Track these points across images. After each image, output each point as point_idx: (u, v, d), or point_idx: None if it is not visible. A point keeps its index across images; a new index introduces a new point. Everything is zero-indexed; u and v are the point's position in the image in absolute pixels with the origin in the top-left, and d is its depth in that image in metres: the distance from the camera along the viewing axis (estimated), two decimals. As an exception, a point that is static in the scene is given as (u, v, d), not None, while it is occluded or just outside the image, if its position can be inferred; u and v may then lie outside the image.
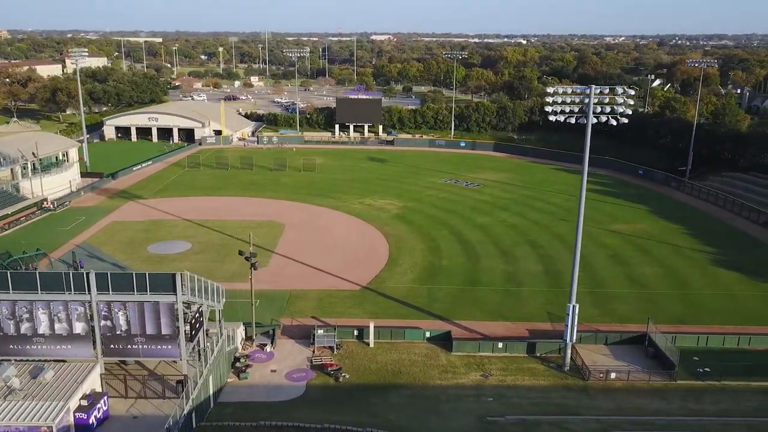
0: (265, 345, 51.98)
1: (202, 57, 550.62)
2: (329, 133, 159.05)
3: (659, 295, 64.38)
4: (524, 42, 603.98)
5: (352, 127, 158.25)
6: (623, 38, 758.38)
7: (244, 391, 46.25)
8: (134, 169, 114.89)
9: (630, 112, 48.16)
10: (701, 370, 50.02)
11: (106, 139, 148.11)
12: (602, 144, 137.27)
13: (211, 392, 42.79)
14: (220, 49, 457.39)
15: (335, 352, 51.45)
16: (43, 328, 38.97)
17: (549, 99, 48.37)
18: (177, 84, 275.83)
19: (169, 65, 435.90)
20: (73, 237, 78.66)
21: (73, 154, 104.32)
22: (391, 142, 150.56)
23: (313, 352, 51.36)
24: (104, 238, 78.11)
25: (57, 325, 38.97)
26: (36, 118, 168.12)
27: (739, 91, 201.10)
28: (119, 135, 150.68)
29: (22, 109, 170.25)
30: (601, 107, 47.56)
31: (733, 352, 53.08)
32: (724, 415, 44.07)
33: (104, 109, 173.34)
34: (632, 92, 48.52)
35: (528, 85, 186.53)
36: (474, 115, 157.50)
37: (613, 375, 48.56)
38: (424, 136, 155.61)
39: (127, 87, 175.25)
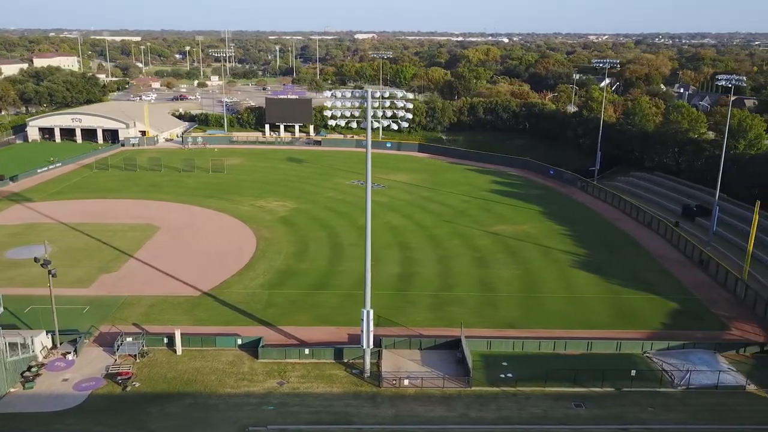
0: (69, 353, 51.23)
1: (177, 56, 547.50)
2: (260, 133, 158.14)
3: (504, 298, 64.15)
4: (506, 41, 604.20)
5: (282, 127, 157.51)
6: (606, 36, 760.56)
7: (24, 401, 45.58)
8: (39, 171, 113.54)
9: (410, 116, 47.21)
10: (503, 375, 49.77)
11: (30, 140, 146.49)
12: (524, 143, 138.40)
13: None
14: (187, 48, 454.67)
15: (138, 360, 50.79)
16: None
17: (328, 103, 47.53)
18: (133, 83, 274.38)
19: (140, 64, 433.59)
20: (-62, 241, 77.56)
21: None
22: (318, 143, 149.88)
23: (115, 360, 50.68)
24: (-33, 243, 77.10)
25: None
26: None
27: (682, 90, 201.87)
28: (45, 136, 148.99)
29: None
30: (383, 111, 46.54)
31: (547, 356, 52.85)
32: (499, 422, 43.84)
33: (41, 109, 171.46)
34: (410, 96, 47.71)
35: (466, 84, 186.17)
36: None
37: (406, 382, 48.23)
38: (355, 137, 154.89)
39: (61, 87, 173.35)
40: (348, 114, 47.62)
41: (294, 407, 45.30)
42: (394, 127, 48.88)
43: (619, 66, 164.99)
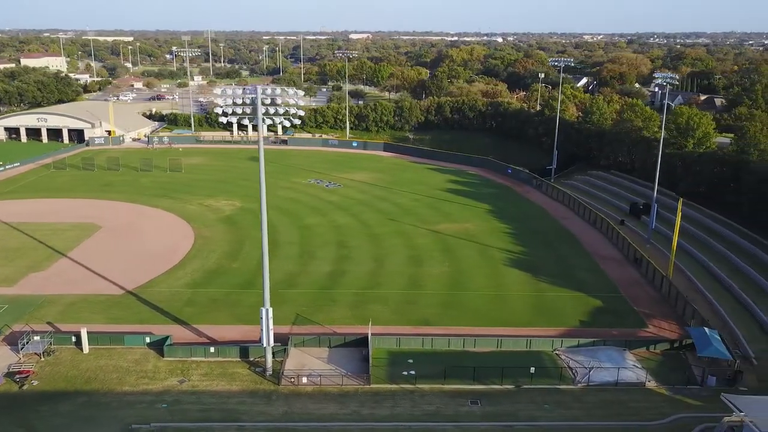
0: (-28, 352, 51.17)
1: (167, 56, 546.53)
2: (228, 133, 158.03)
3: (427, 295, 64.16)
4: (500, 40, 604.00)
5: (250, 126, 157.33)
6: (601, 36, 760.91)
7: None
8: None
9: (303, 113, 47.29)
10: (406, 373, 49.78)
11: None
12: (490, 142, 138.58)
13: None
14: (173, 48, 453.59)
15: (43, 359, 50.76)
16: None
17: (219, 100, 47.56)
18: (115, 83, 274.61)
19: (128, 64, 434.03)
20: None
21: None
22: (285, 142, 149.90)
23: (20, 358, 50.62)
24: None
25: None
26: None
27: (657, 89, 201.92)
28: (12, 136, 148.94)
29: None
30: (275, 108, 46.54)
31: (456, 354, 52.83)
32: (389, 420, 43.83)
33: (11, 109, 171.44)
34: (302, 93, 47.76)
35: (439, 83, 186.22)
36: (372, 115, 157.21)
37: (304, 380, 48.26)
38: (323, 136, 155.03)
39: (32, 87, 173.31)
40: (240, 111, 47.08)
41: (187, 405, 45.29)
42: (287, 123, 48.54)
43: (579, 64, 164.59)
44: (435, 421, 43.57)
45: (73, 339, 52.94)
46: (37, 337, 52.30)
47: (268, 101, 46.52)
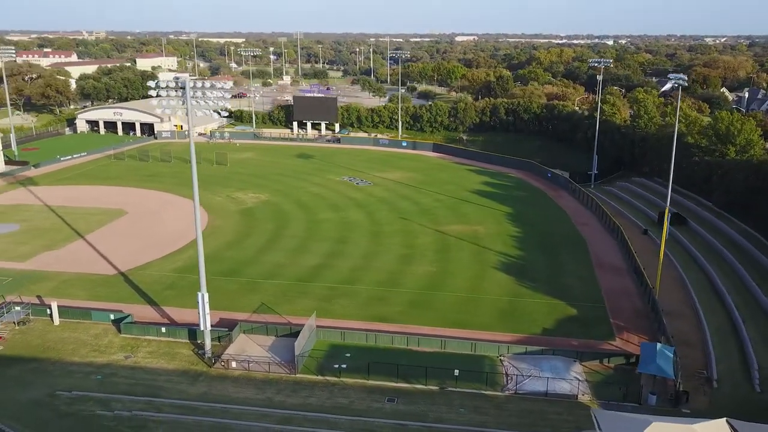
0: (-41, 316, 56.96)
1: (271, 57, 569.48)
2: (288, 130, 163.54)
3: (398, 293, 64.12)
4: (611, 43, 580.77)
5: (309, 124, 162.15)
6: (725, 39, 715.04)
7: None
8: (61, 159, 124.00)
9: (229, 105, 48.89)
10: (337, 366, 50.34)
11: (78, 131, 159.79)
12: (541, 145, 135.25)
13: None
14: (271, 49, 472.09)
15: (17, 327, 55.71)
16: None
17: (152, 92, 50.05)
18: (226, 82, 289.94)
19: (234, 64, 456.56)
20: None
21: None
22: (338, 140, 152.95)
23: (-1, 325, 55.85)
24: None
25: None
26: (42, 112, 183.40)
27: (746, 94, 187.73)
28: (94, 128, 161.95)
29: (34, 104, 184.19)
30: (204, 102, 48.64)
31: (397, 351, 52.75)
32: (297, 408, 44.42)
33: (99, 104, 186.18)
34: (228, 85, 49.44)
35: (504, 85, 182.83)
36: (426, 115, 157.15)
37: (234, 364, 49.99)
38: (379, 136, 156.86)
39: (118, 84, 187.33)
40: (174, 103, 49.49)
41: (119, 378, 48.21)
42: (215, 116, 50.42)
43: (609, 66, 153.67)
44: (339, 414, 43.81)
45: (48, 312, 57.49)
46: (18, 308, 57.34)
47: (199, 93, 48.19)
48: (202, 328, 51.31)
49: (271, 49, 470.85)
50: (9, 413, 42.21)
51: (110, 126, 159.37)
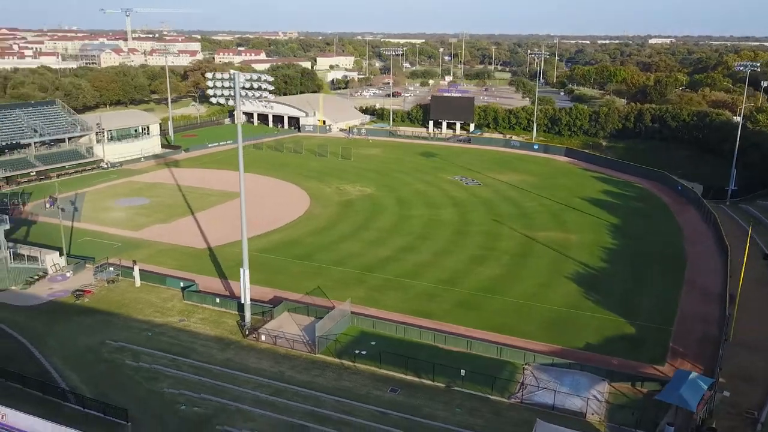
0: (68, 272, 66.82)
1: (446, 58, 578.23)
2: (424, 129, 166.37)
3: (452, 292, 63.79)
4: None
5: (445, 123, 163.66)
6: None
7: (13, 295, 61.60)
8: (209, 145, 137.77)
9: (268, 95, 52.10)
10: (357, 351, 51.86)
11: (235, 122, 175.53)
12: (684, 155, 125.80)
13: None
14: (441, 50, 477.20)
15: (107, 285, 64.23)
16: None
17: (210, 83, 54.47)
18: (372, 79, 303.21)
19: (408, 64, 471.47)
20: (91, 186, 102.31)
21: (154, 128, 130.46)
22: (468, 140, 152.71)
23: (93, 281, 64.77)
24: (104, 191, 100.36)
25: None
26: (214, 104, 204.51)
27: None
28: (249, 120, 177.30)
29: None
30: (246, 92, 52.33)
31: (422, 346, 53.02)
32: (303, 386, 46.16)
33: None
34: (270, 78, 52.39)
35: (661, 90, 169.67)
36: (565, 119, 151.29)
37: (263, 337, 53.49)
38: (513, 137, 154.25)
39: (278, 80, 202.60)
40: (226, 93, 53.73)
41: (165, 337, 53.80)
42: (260, 104, 53.53)
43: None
44: (334, 395, 45.21)
45: (134, 274, 65.38)
46: (111, 268, 65.97)
47: (247, 85, 51.99)
48: (242, 302, 55.34)
49: (441, 50, 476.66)
50: (62, 353, 49.20)
51: (263, 118, 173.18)
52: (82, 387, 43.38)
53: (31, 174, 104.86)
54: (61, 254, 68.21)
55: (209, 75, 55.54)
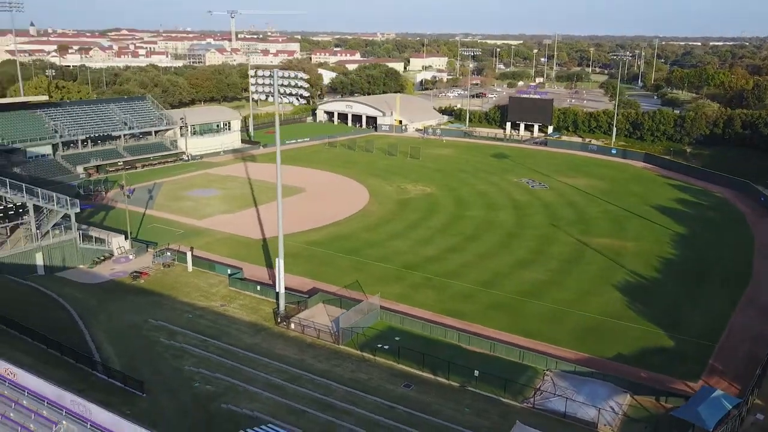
0: (131, 254, 72.00)
1: (542, 60, 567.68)
2: (501, 130, 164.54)
3: (490, 294, 63.41)
4: None
5: (522, 125, 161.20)
6: None
7: (80, 273, 67.24)
8: (287, 142, 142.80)
9: (306, 93, 53.81)
10: (380, 346, 52.98)
11: (317, 120, 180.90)
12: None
13: (40, 262, 65.11)
14: (535, 51, 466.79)
15: (163, 268, 68.73)
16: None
17: (252, 80, 56.89)
18: (460, 79, 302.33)
19: (503, 66, 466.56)
20: (170, 177, 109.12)
21: (235, 124, 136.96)
22: (544, 143, 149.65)
23: (151, 264, 69.51)
24: (179, 181, 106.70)
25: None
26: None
27: None
28: (331, 119, 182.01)
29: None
30: (284, 89, 54.40)
31: (445, 345, 53.39)
32: (318, 374, 47.50)
33: (346, 97, 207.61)
34: (305, 76, 53.98)
35: (761, 94, 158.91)
36: (648, 123, 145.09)
37: (292, 326, 55.62)
38: (593, 141, 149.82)
39: (362, 80, 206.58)
40: (268, 90, 56.12)
41: (203, 320, 57.03)
42: (295, 102, 55.45)
43: None
44: (346, 386, 46.37)
45: (186, 260, 69.49)
46: (168, 253, 70.47)
47: (285, 82, 54.21)
48: (276, 290, 57.72)
49: (536, 51, 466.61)
50: (106, 327, 53.29)
51: (343, 118, 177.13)
52: (115, 359, 46.91)
53: (119, 164, 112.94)
54: (126, 238, 73.36)
55: (251, 72, 57.83)
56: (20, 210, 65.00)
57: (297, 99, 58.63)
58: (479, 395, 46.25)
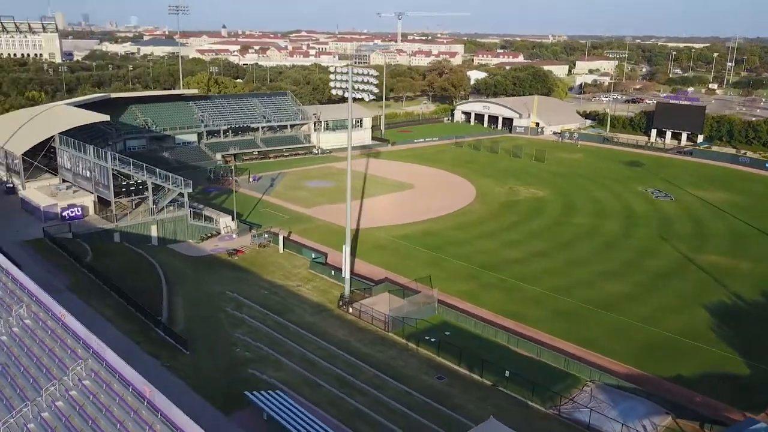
0: (235, 234, 79.20)
1: (728, 64, 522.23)
2: (645, 137, 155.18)
3: (563, 302, 61.65)
4: None
5: (669, 133, 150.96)
6: None
7: (189, 247, 75.25)
8: (415, 141, 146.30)
9: (375, 90, 55.78)
10: (427, 338, 54.21)
11: (455, 121, 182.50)
12: None
13: (154, 234, 74.12)
14: (715, 54, 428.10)
15: (258, 248, 75.02)
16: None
17: (332, 77, 59.83)
18: (623, 83, 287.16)
19: (680, 70, 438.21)
20: (294, 168, 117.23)
21: (367, 122, 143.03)
22: (690, 153, 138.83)
23: (249, 244, 76.16)
24: (301, 172, 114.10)
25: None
26: (445, 102, 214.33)
27: None
28: (467, 119, 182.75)
29: (443, 95, 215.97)
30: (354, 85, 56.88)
31: (494, 345, 53.46)
32: (359, 357, 49.49)
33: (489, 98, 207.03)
34: (375, 73, 55.92)
35: None
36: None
37: (350, 309, 58.49)
38: (748, 153, 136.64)
39: (507, 81, 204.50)
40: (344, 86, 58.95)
41: (275, 296, 61.63)
42: (366, 98, 57.53)
43: None
44: (376, 369, 48.10)
45: (281, 241, 75.11)
46: (265, 235, 76.66)
47: (358, 79, 56.90)
48: (343, 275, 60.89)
49: (716, 54, 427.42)
50: (186, 294, 59.53)
51: (479, 118, 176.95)
52: (179, 320, 52.71)
53: (254, 153, 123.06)
54: (233, 218, 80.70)
55: (332, 69, 61.24)
56: (141, 187, 74.20)
57: (368, 95, 60.68)
58: (508, 396, 45.94)
